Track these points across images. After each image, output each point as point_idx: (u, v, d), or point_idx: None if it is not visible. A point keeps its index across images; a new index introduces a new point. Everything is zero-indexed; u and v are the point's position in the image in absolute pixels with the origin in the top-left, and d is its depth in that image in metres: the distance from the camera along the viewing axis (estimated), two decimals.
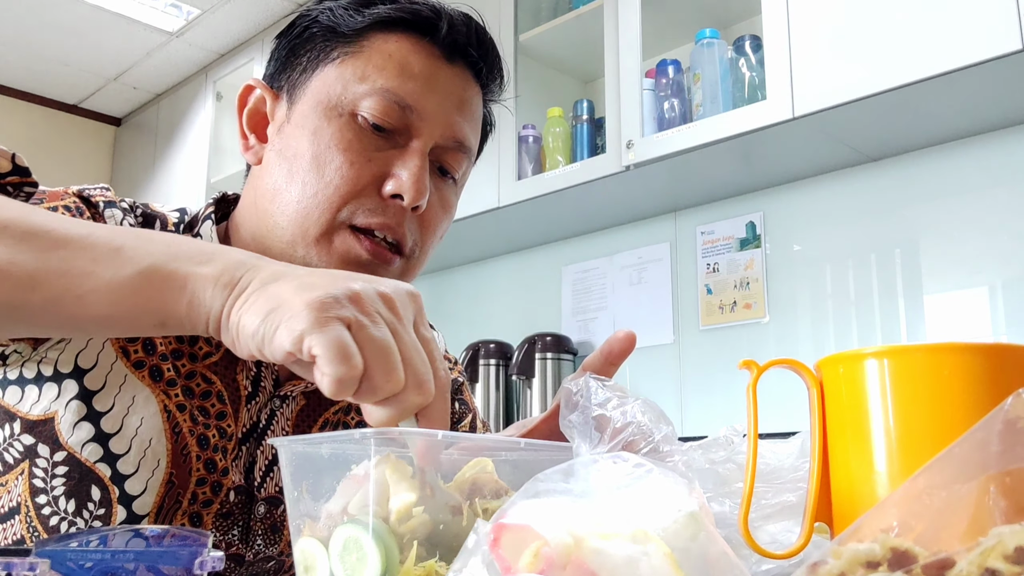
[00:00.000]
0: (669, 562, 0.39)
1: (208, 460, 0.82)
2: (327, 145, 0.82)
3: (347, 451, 0.53)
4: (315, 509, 0.53)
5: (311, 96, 0.85)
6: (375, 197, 0.83)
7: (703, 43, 2.31)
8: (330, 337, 0.51)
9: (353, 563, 0.49)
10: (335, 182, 0.82)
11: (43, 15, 3.61)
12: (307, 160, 0.83)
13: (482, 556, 0.40)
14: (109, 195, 0.85)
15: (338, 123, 0.83)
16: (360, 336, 0.52)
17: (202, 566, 0.47)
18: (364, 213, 0.82)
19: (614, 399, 0.61)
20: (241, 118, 0.90)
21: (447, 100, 0.86)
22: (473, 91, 0.90)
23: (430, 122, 0.85)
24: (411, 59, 0.85)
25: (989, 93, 1.91)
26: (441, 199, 0.89)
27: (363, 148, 0.83)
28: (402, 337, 0.54)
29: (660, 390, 2.65)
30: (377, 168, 0.83)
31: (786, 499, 0.57)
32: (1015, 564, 0.31)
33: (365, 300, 0.54)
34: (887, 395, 0.48)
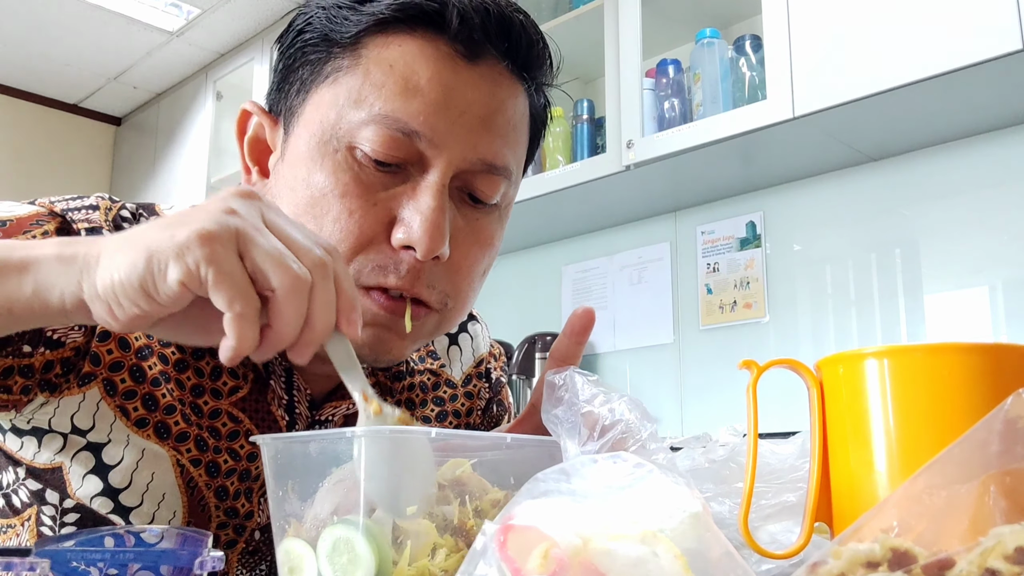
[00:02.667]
0: (680, 564, 0.39)
1: (228, 508, 0.76)
2: (322, 191, 0.69)
3: (336, 450, 0.51)
4: (301, 509, 0.52)
5: (305, 126, 0.72)
6: (384, 247, 0.69)
7: (703, 43, 2.31)
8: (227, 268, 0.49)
9: (344, 564, 0.48)
10: (335, 236, 0.68)
11: (43, 15, 3.61)
12: (303, 210, 0.70)
13: (490, 558, 0.39)
14: (95, 218, 0.74)
15: (333, 161, 0.69)
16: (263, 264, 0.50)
17: (202, 566, 0.47)
18: (372, 272, 0.69)
19: (600, 395, 0.61)
20: (242, 148, 0.78)
21: (468, 114, 0.70)
22: (506, 93, 0.73)
23: (447, 147, 0.69)
24: (417, 68, 0.69)
25: (989, 93, 1.91)
26: (476, 233, 0.74)
27: (365, 190, 0.69)
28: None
29: (660, 390, 2.65)
30: (384, 212, 0.69)
31: (786, 499, 0.58)
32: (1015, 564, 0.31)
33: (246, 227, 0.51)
34: (887, 395, 0.48)
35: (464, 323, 1.00)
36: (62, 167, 4.42)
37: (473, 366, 0.98)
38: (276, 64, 0.78)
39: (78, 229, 0.72)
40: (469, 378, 0.97)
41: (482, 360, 1.00)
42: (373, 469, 0.49)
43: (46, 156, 4.38)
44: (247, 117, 0.79)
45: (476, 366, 0.99)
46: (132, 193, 4.33)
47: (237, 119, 0.79)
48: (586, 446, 0.59)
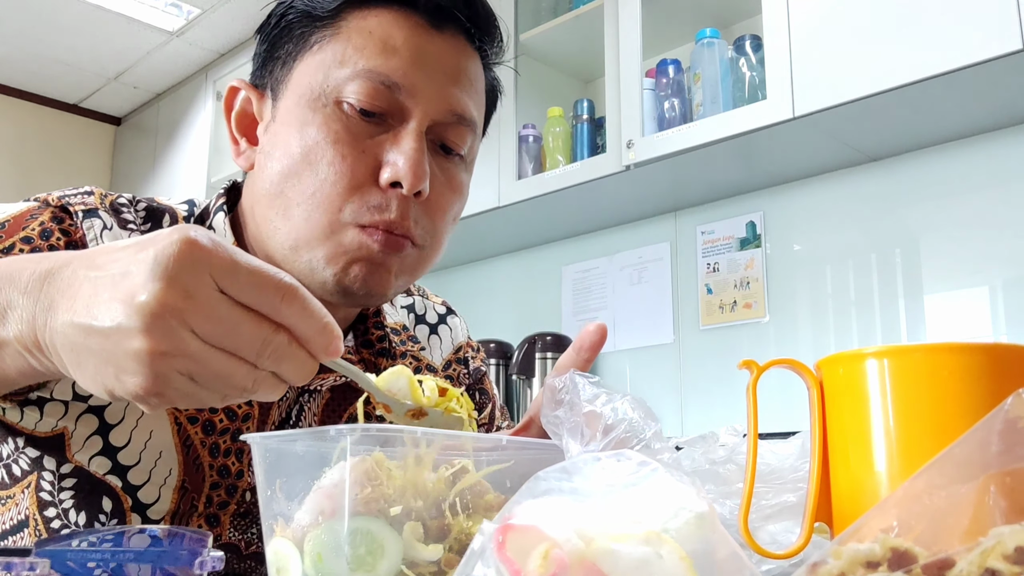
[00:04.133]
0: (685, 565, 0.38)
1: (221, 467, 0.80)
2: (315, 140, 0.77)
3: (322, 449, 0.51)
4: (288, 509, 0.51)
5: (294, 90, 0.80)
6: (375, 189, 0.78)
7: (703, 43, 2.31)
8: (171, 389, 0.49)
9: (363, 556, 0.47)
10: (331, 178, 0.77)
11: (43, 15, 3.61)
12: (297, 158, 0.78)
13: (489, 559, 0.39)
14: (91, 201, 0.80)
15: (324, 114, 0.78)
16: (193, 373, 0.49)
17: (202, 566, 0.47)
18: (369, 211, 0.77)
19: (602, 395, 0.61)
20: (230, 122, 0.86)
21: (438, 72, 0.80)
22: (468, 58, 0.84)
23: (422, 98, 0.79)
24: (393, 33, 0.79)
25: (989, 93, 1.91)
26: (448, 179, 0.83)
27: (354, 138, 0.78)
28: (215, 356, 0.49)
29: (660, 390, 2.65)
30: (371, 157, 0.78)
31: (786, 499, 0.57)
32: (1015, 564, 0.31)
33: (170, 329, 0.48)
34: (887, 395, 0.48)
35: (444, 315, 1.07)
36: (62, 167, 4.42)
37: (452, 353, 1.06)
38: (258, 48, 0.87)
39: (75, 211, 0.78)
40: (449, 363, 1.05)
41: (461, 347, 1.07)
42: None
43: (46, 156, 4.38)
44: (235, 93, 0.86)
45: (455, 352, 1.06)
46: (132, 193, 4.32)
47: (225, 95, 0.87)
48: (589, 446, 0.59)
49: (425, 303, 1.07)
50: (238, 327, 0.49)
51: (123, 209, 0.83)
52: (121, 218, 0.82)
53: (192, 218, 0.86)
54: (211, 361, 0.49)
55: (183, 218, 0.85)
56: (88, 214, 0.79)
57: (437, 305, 1.08)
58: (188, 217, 0.86)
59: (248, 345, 0.49)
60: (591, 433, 0.59)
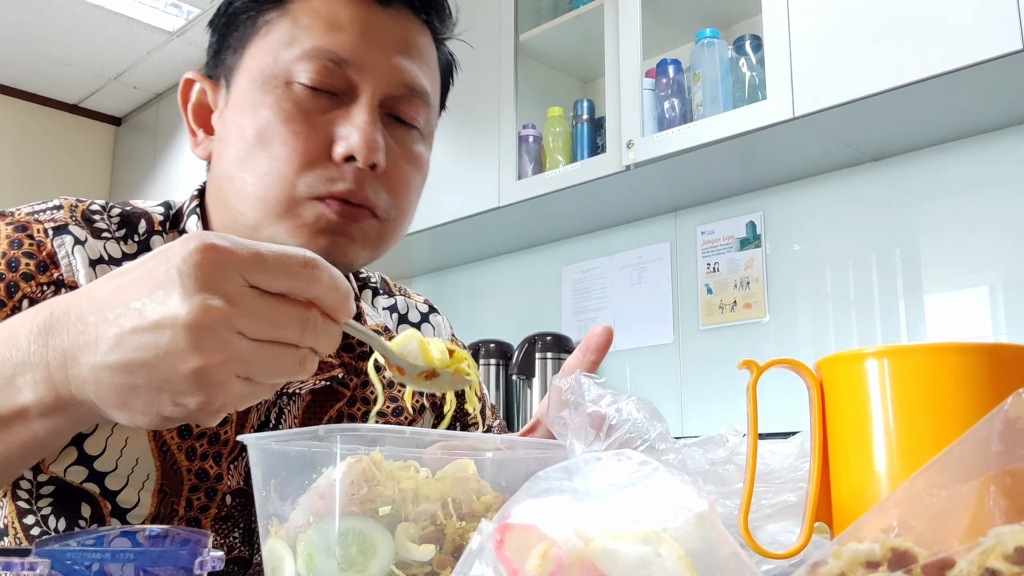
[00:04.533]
0: (684, 565, 0.38)
1: (199, 470, 0.80)
2: (267, 120, 0.78)
3: (313, 449, 0.51)
4: (282, 509, 0.51)
5: (245, 74, 0.81)
6: (328, 164, 0.78)
7: (703, 43, 2.31)
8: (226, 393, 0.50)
9: (353, 556, 0.47)
10: (284, 155, 0.77)
11: (43, 15, 3.61)
12: (252, 140, 0.78)
13: (487, 558, 0.39)
14: (60, 216, 0.79)
15: (275, 95, 0.78)
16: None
17: (202, 566, 0.47)
18: (323, 183, 0.77)
19: (608, 396, 0.61)
20: (187, 114, 0.86)
21: (387, 45, 0.81)
22: (416, 32, 0.84)
23: (372, 72, 0.79)
24: (339, 11, 0.80)
25: (989, 93, 1.91)
26: (405, 152, 0.83)
27: (305, 115, 0.78)
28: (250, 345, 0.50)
29: (660, 390, 2.64)
30: (324, 134, 0.78)
31: (786, 499, 0.57)
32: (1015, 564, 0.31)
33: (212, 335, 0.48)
34: (887, 395, 0.48)
35: (426, 314, 1.07)
36: (62, 167, 4.42)
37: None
38: (210, 39, 0.87)
39: (44, 229, 0.77)
40: None
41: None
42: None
43: (46, 156, 4.38)
44: (190, 85, 0.87)
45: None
46: (132, 193, 4.33)
47: (180, 89, 0.87)
48: (592, 446, 0.59)
49: (407, 302, 1.06)
50: (278, 316, 0.50)
51: (95, 217, 0.82)
52: (94, 227, 0.81)
53: (167, 221, 0.85)
54: (262, 356, 0.50)
55: (159, 223, 0.85)
56: (58, 231, 0.78)
57: (419, 304, 1.08)
58: (164, 221, 0.85)
59: (290, 329, 0.50)
60: (594, 433, 0.59)
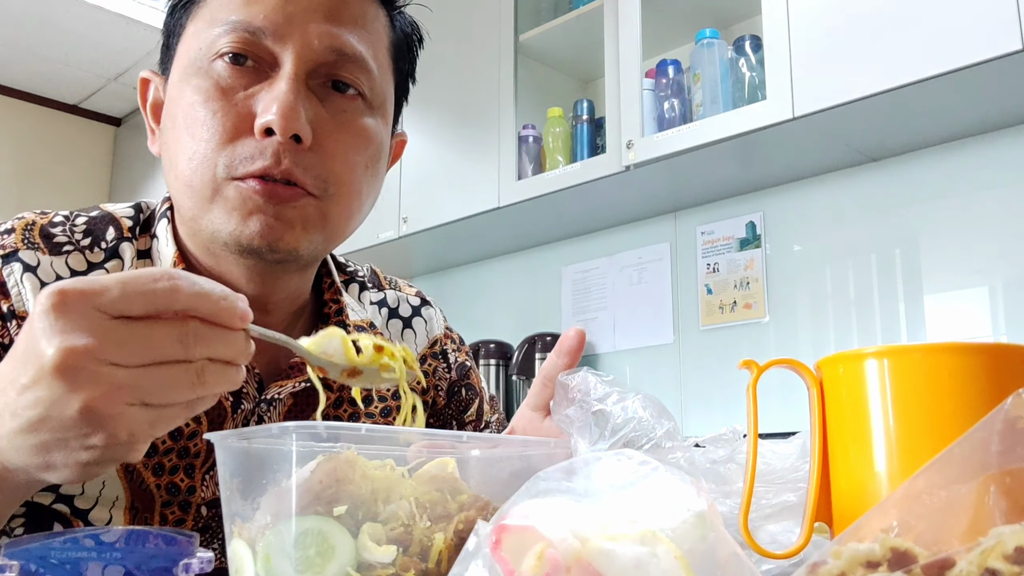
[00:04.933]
0: (680, 565, 0.38)
1: (168, 484, 0.78)
2: (190, 103, 0.75)
3: (273, 447, 0.50)
4: (244, 509, 0.51)
5: (177, 63, 0.80)
6: (249, 140, 0.74)
7: (703, 43, 2.31)
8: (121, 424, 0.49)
9: (311, 557, 0.46)
10: (205, 136, 0.74)
11: (43, 15, 3.61)
12: (180, 128, 0.76)
13: (483, 559, 0.39)
14: (10, 242, 0.77)
15: (196, 78, 0.76)
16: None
17: (187, 568, 0.47)
18: (241, 161, 0.74)
19: (614, 394, 0.60)
20: (146, 113, 0.85)
21: (308, 10, 0.77)
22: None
23: (291, 40, 0.76)
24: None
25: (989, 93, 1.90)
26: (344, 123, 0.79)
27: (224, 94, 0.75)
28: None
29: (660, 390, 2.64)
30: (244, 109, 0.75)
31: (786, 499, 0.57)
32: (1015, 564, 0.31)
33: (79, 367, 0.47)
34: (887, 395, 0.47)
35: (418, 307, 1.03)
36: (62, 167, 4.42)
37: (427, 347, 1.02)
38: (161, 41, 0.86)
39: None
40: (424, 358, 1.01)
41: (436, 341, 1.03)
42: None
43: (46, 156, 4.38)
44: (146, 84, 0.85)
45: (430, 346, 1.02)
46: (132, 193, 4.33)
47: (139, 89, 0.86)
48: (597, 445, 0.58)
49: (398, 296, 1.03)
50: (149, 336, 0.49)
51: (55, 232, 0.80)
52: (53, 243, 0.79)
53: (137, 226, 0.83)
54: (147, 378, 0.49)
55: (128, 228, 0.83)
56: (7, 259, 0.76)
57: (411, 297, 1.04)
58: (133, 227, 0.83)
59: (167, 345, 0.49)
60: (599, 432, 0.59)
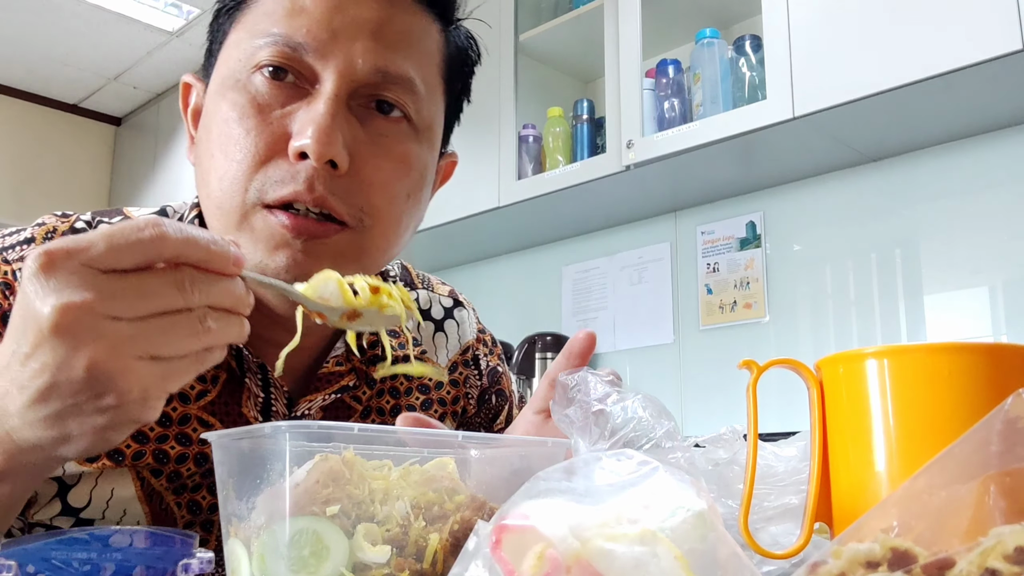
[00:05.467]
0: (680, 565, 0.38)
1: (190, 502, 0.76)
2: (226, 119, 0.71)
3: (266, 446, 0.49)
4: (239, 508, 0.50)
5: (217, 75, 0.75)
6: (283, 163, 0.70)
7: (703, 43, 2.31)
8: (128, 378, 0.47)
9: (305, 558, 0.46)
10: (238, 157, 0.70)
11: (43, 15, 3.61)
12: (214, 144, 0.72)
13: (483, 559, 0.39)
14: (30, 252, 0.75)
15: (234, 92, 0.72)
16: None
17: (187, 568, 0.47)
18: (273, 186, 0.69)
19: (614, 394, 0.61)
20: (187, 119, 0.82)
21: (354, 27, 0.72)
22: (399, 10, 0.75)
23: (335, 58, 0.71)
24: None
25: (989, 93, 1.90)
26: (385, 148, 0.74)
27: (260, 111, 0.71)
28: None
29: (660, 390, 2.64)
30: (280, 129, 0.70)
31: (788, 501, 0.57)
32: (1015, 564, 0.31)
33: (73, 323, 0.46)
34: (887, 395, 0.47)
35: (450, 309, 0.99)
36: (62, 167, 4.42)
37: (459, 353, 0.97)
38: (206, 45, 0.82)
39: (12, 270, 0.72)
40: (455, 365, 0.96)
41: (468, 347, 0.98)
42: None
43: (46, 156, 4.38)
44: (188, 89, 0.82)
45: (462, 353, 0.98)
46: (132, 193, 4.33)
47: (181, 93, 0.82)
48: (596, 445, 0.58)
49: (430, 296, 0.98)
50: (144, 286, 0.47)
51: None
52: None
53: None
54: (150, 329, 0.47)
55: None
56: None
57: (443, 297, 0.99)
58: None
59: (165, 294, 0.48)
60: (599, 432, 0.59)
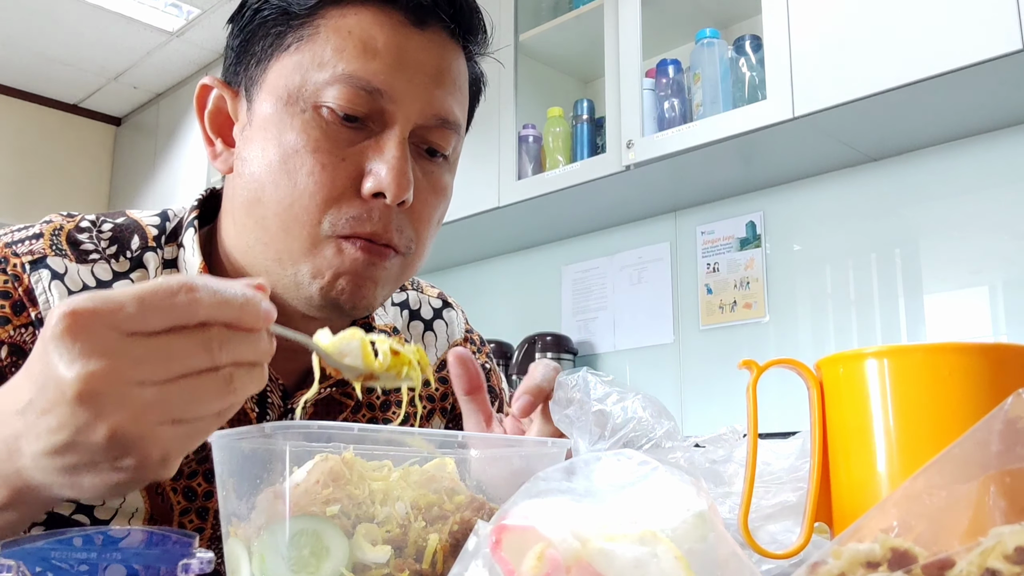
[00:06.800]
0: (680, 564, 0.38)
1: (185, 488, 0.78)
2: (294, 147, 0.74)
3: (267, 446, 0.49)
4: (239, 508, 0.50)
5: (269, 92, 0.77)
6: (355, 200, 0.74)
7: (703, 43, 2.31)
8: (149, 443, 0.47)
9: (305, 557, 0.46)
10: (309, 189, 0.73)
11: (43, 14, 3.61)
12: (276, 167, 0.74)
13: (483, 559, 0.39)
14: (38, 247, 0.76)
15: (302, 120, 0.74)
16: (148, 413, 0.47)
17: (187, 568, 0.47)
18: (348, 223, 0.74)
19: (614, 394, 0.61)
20: (203, 122, 0.83)
21: (421, 74, 0.76)
22: (452, 56, 0.80)
23: (405, 103, 0.75)
24: (374, 33, 0.75)
25: (989, 93, 1.90)
26: (432, 184, 0.80)
27: (334, 145, 0.74)
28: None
29: (660, 390, 2.64)
30: (353, 166, 0.74)
31: (786, 499, 0.57)
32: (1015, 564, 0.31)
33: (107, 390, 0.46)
34: (887, 395, 0.47)
35: (439, 310, 1.02)
36: (62, 167, 4.42)
37: (447, 351, 0.99)
38: (231, 41, 0.83)
39: (22, 263, 0.75)
40: (443, 363, 0.99)
41: (456, 346, 1.00)
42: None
43: (46, 156, 4.38)
44: (207, 91, 0.83)
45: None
46: (132, 193, 4.33)
47: (196, 94, 0.83)
48: (596, 445, 0.58)
49: (420, 297, 1.02)
50: (171, 349, 0.47)
51: (82, 238, 0.79)
52: (80, 251, 0.78)
53: (163, 235, 0.82)
54: (175, 394, 0.47)
55: (153, 237, 0.82)
56: (35, 265, 0.75)
57: (432, 299, 1.03)
58: (159, 235, 0.82)
59: (193, 356, 0.47)
60: (599, 432, 0.59)
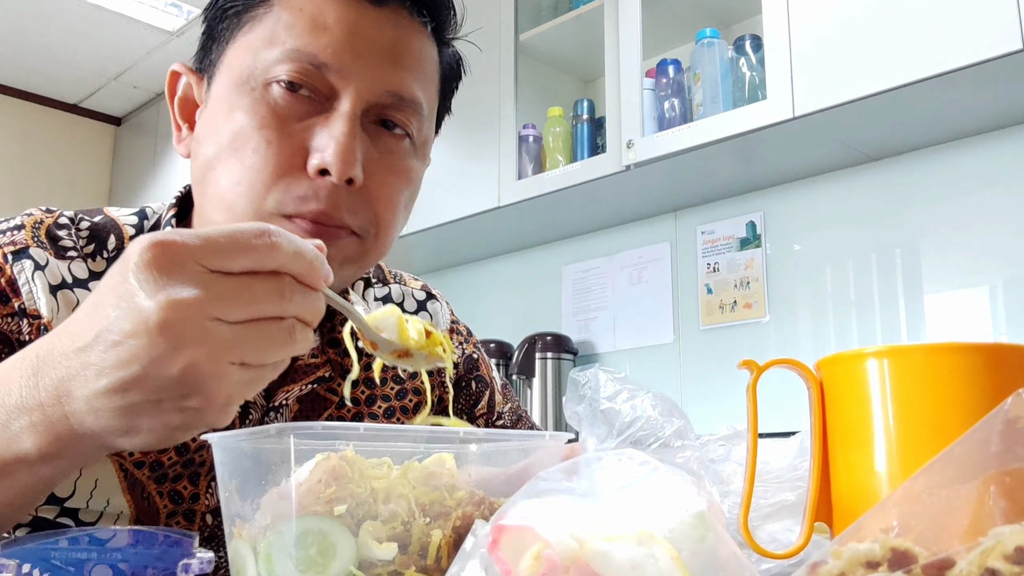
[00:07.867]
0: (676, 565, 0.38)
1: (172, 491, 0.77)
2: (241, 125, 0.73)
3: (269, 446, 0.49)
4: (243, 509, 0.50)
5: (225, 72, 0.77)
6: (303, 178, 0.73)
7: (703, 43, 2.31)
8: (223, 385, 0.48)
9: (312, 557, 0.46)
10: (256, 165, 0.72)
11: (43, 14, 3.61)
12: (225, 144, 0.74)
13: (480, 559, 0.39)
14: (20, 238, 0.75)
15: (251, 98, 0.74)
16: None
17: (187, 568, 0.47)
18: (294, 201, 0.72)
19: (624, 392, 0.61)
20: (173, 108, 0.83)
21: (374, 49, 0.75)
22: (411, 34, 0.78)
23: (355, 79, 0.74)
24: (324, 9, 0.74)
25: (989, 93, 1.90)
26: (391, 164, 0.77)
27: (281, 123, 0.73)
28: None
29: (660, 390, 2.64)
30: (298, 142, 0.73)
31: (785, 498, 0.57)
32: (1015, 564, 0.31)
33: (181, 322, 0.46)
34: (887, 395, 0.47)
35: (423, 302, 1.01)
36: (62, 167, 4.42)
37: None
38: (202, 28, 0.83)
39: (4, 253, 0.74)
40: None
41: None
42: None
43: (46, 156, 4.38)
44: (176, 78, 0.83)
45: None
46: (132, 193, 4.33)
47: (167, 81, 0.83)
48: (605, 443, 0.59)
49: (403, 290, 1.00)
50: (250, 292, 0.47)
51: (61, 234, 0.78)
52: (59, 246, 0.77)
53: (140, 233, 0.81)
54: (249, 336, 0.47)
55: (130, 237, 0.81)
56: (18, 255, 0.75)
57: (416, 291, 1.02)
58: (136, 235, 0.81)
59: (268, 303, 0.48)
60: (608, 430, 0.59)
